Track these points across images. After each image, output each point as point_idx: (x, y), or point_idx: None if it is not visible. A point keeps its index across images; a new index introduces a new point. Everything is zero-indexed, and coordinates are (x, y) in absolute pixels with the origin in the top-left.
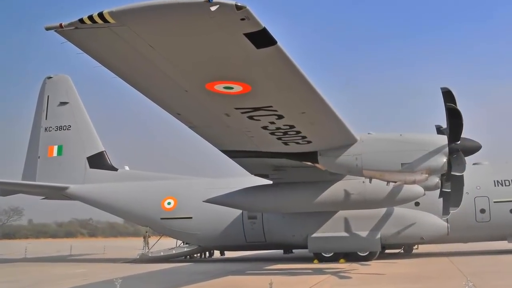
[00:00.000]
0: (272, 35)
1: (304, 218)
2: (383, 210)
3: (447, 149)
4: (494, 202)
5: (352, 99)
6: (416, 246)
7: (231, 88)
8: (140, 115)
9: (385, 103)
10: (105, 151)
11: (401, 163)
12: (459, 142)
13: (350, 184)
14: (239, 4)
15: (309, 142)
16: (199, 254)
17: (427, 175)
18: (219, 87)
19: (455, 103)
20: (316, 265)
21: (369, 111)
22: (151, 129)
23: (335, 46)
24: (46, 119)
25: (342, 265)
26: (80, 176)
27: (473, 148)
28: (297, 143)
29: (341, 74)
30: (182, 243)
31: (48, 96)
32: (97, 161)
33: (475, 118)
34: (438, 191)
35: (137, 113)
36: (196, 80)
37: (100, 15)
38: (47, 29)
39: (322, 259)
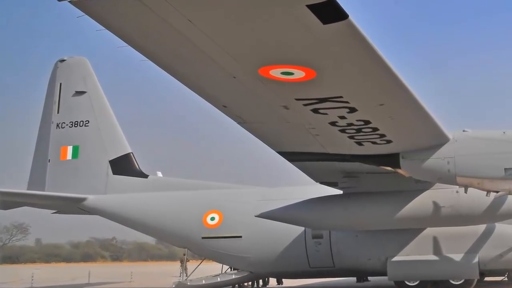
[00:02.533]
0: (342, 6)
1: (382, 238)
2: (481, 227)
3: None
4: None
5: (440, 87)
6: None
7: (291, 73)
8: (177, 109)
9: (484, 91)
10: (132, 153)
11: (505, 168)
12: None
13: (440, 195)
14: None
15: (389, 141)
16: (250, 283)
17: None
18: (276, 72)
19: None
20: None
21: (461, 103)
22: (190, 126)
23: (419, 21)
24: (58, 113)
25: None
26: (101, 184)
27: None
28: (374, 143)
29: (427, 55)
30: (229, 269)
31: (60, 84)
32: (123, 165)
33: None
34: None
35: (173, 105)
36: (247, 63)
37: None
38: None
39: None
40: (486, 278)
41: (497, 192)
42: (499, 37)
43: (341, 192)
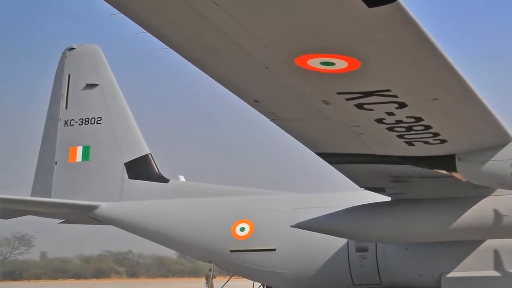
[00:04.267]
0: None
1: (436, 251)
2: None
3: None
4: None
5: (501, 79)
6: None
7: (332, 64)
8: (202, 104)
9: None
10: (150, 154)
11: None
12: None
13: (502, 202)
14: None
15: (443, 141)
16: None
17: None
18: (315, 62)
19: None
20: None
21: None
22: (216, 124)
23: (479, 4)
24: (66, 108)
25: None
26: (116, 190)
27: None
28: (426, 142)
29: (488, 43)
30: (261, 287)
31: (69, 76)
32: (140, 168)
33: None
34: None
35: (197, 101)
36: (282, 52)
37: None
38: None
39: None
40: None
41: None
42: None
43: (389, 199)
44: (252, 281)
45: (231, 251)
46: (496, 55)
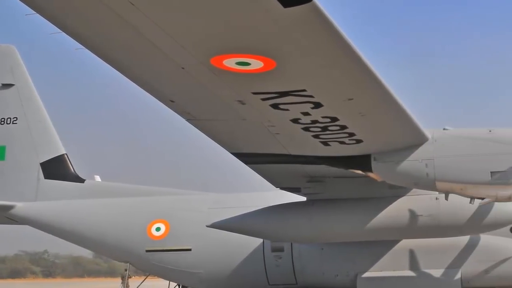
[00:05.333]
0: None
1: (351, 251)
2: (464, 239)
3: None
4: None
5: (421, 78)
6: None
7: (248, 64)
8: (118, 104)
9: (469, 84)
10: (66, 154)
11: (491, 172)
12: None
13: (417, 202)
14: None
15: (358, 141)
16: None
17: None
18: (230, 62)
19: None
20: None
21: (445, 97)
22: (133, 125)
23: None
24: None
25: None
26: (31, 190)
27: None
28: (342, 142)
29: (407, 42)
30: (177, 286)
31: None
32: (55, 168)
33: None
34: None
35: (114, 101)
36: (197, 52)
37: None
38: None
39: None
40: None
41: (482, 199)
42: (493, 22)
43: (305, 199)
44: (168, 281)
45: (147, 251)
46: (416, 55)
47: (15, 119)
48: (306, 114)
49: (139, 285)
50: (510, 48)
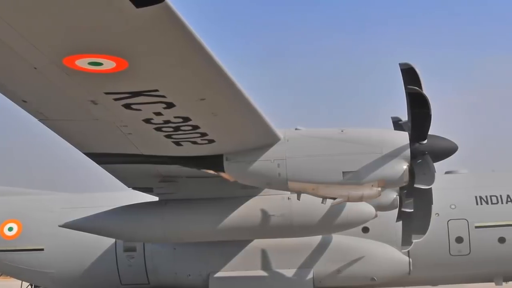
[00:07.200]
0: None
1: (204, 251)
2: (317, 239)
3: (408, 152)
4: (476, 227)
5: (275, 79)
6: None
7: (100, 64)
8: None
9: (323, 84)
10: None
11: (343, 172)
12: (425, 142)
13: (270, 202)
14: None
15: (211, 141)
16: None
17: (379, 189)
18: (82, 62)
19: (420, 86)
20: None
21: (299, 96)
22: None
23: (254, 4)
24: None
25: None
26: None
27: (445, 150)
28: (194, 142)
29: (262, 43)
30: (30, 286)
31: None
32: None
33: (451, 107)
34: (395, 211)
35: None
36: (50, 52)
37: None
38: None
39: None
40: None
41: (334, 199)
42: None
43: (157, 199)
44: (21, 282)
45: None
46: (271, 55)
47: None
48: (158, 114)
49: None
50: (363, 49)
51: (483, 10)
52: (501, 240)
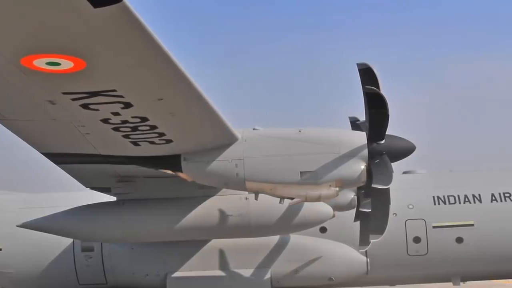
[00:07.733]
0: None
1: (161, 251)
2: (274, 239)
3: (366, 152)
4: (434, 227)
5: (233, 79)
6: None
7: (58, 64)
8: None
9: (281, 84)
10: None
11: (301, 172)
12: (383, 142)
13: (227, 202)
14: None
15: (168, 141)
16: None
17: (337, 189)
18: (40, 62)
19: (377, 86)
20: None
21: (257, 96)
22: None
23: (212, 5)
24: None
25: None
26: None
27: (403, 150)
28: (152, 142)
29: (220, 43)
30: None
31: None
32: None
33: (409, 107)
34: (353, 211)
35: None
36: (6, 52)
37: None
38: None
39: None
40: None
41: (292, 199)
42: (305, 22)
43: (114, 199)
44: None
45: None
46: (228, 55)
47: None
48: (116, 114)
49: None
50: (321, 49)
51: (441, 10)
52: (459, 240)
